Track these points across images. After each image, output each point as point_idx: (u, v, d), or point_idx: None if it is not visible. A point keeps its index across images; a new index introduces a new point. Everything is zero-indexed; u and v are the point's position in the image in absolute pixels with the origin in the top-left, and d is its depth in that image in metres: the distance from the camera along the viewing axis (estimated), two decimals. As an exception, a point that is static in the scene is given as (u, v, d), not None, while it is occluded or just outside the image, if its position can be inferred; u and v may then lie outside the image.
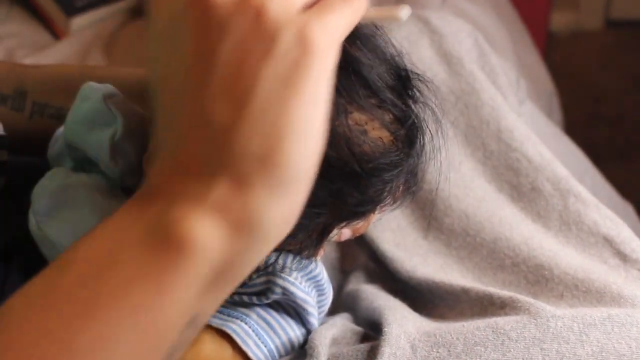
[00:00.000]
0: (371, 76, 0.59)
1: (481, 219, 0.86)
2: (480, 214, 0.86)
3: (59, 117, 0.78)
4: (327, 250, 0.89)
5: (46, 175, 0.68)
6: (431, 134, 0.65)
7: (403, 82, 0.62)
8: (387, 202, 0.64)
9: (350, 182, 0.59)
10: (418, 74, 0.63)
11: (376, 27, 0.61)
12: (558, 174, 0.88)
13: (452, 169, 0.91)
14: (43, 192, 0.66)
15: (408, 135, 0.62)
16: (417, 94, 0.63)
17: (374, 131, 0.59)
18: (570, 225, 0.84)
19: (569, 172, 0.89)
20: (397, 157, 0.61)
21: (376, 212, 0.65)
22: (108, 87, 0.68)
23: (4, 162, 0.74)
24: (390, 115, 0.60)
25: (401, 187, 0.64)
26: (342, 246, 0.92)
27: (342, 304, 0.83)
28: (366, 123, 0.58)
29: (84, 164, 0.71)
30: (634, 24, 2.55)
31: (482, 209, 0.87)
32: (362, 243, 0.89)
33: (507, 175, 0.90)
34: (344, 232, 0.66)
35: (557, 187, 0.87)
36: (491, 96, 0.95)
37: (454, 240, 0.86)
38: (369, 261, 0.89)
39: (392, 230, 0.89)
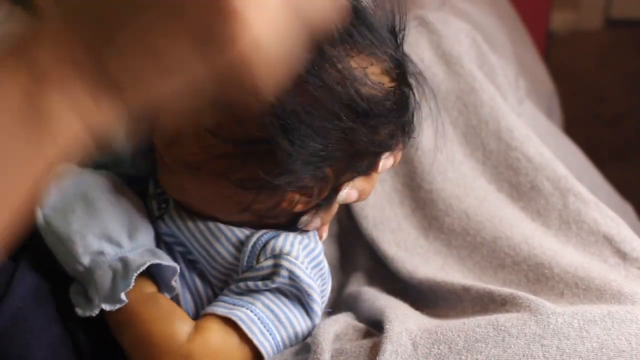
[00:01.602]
0: (373, 22, 0.64)
1: (482, 218, 0.86)
2: (481, 214, 0.86)
3: None
4: (327, 248, 0.89)
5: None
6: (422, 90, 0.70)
7: (396, 36, 0.67)
8: (389, 151, 0.68)
9: (360, 120, 0.63)
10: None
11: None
12: (558, 173, 0.88)
13: (452, 168, 0.91)
14: (49, 186, 0.67)
15: (407, 82, 0.67)
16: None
17: (374, 76, 0.63)
18: (570, 224, 0.85)
19: (569, 171, 0.89)
20: (400, 99, 0.66)
21: (379, 168, 0.69)
22: None
23: None
24: (390, 64, 0.65)
25: (402, 137, 0.68)
26: (343, 245, 0.92)
27: (343, 304, 0.84)
28: (366, 67, 0.63)
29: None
30: (633, 24, 2.55)
31: (482, 209, 0.87)
32: (363, 243, 0.89)
33: (506, 175, 0.90)
34: (352, 193, 0.69)
35: (557, 186, 0.87)
36: (490, 96, 0.95)
37: (454, 240, 0.87)
38: (369, 261, 0.89)
39: (392, 230, 0.89)
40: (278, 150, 0.61)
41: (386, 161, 0.69)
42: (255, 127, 0.61)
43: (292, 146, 0.61)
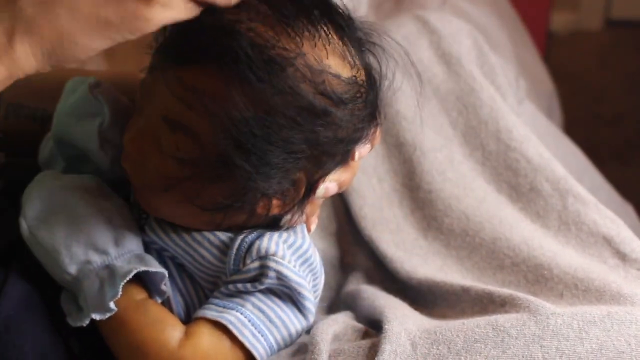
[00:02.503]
0: (335, 16, 0.63)
1: (481, 219, 0.86)
2: (480, 215, 0.86)
3: (35, 118, 0.79)
4: (326, 247, 0.89)
5: (35, 179, 0.68)
6: (392, 70, 0.68)
7: (351, 28, 0.65)
8: (360, 141, 0.66)
9: (320, 120, 0.61)
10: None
11: None
12: (557, 174, 0.88)
13: (452, 168, 0.91)
14: (33, 196, 0.67)
15: (366, 68, 0.65)
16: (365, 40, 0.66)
17: (330, 69, 0.61)
18: (569, 225, 0.85)
19: (569, 172, 0.89)
20: (359, 89, 0.63)
21: (355, 156, 0.67)
22: (92, 78, 0.69)
23: (2, 164, 0.74)
24: (345, 47, 0.63)
25: (370, 124, 0.66)
26: (342, 244, 0.92)
27: (342, 303, 0.84)
28: (327, 58, 0.61)
29: (74, 161, 0.71)
30: (633, 24, 2.55)
31: (482, 210, 0.87)
32: (361, 243, 0.89)
33: (506, 176, 0.90)
34: (330, 187, 0.67)
35: (556, 187, 0.87)
36: (490, 96, 0.95)
37: (453, 241, 0.86)
38: (368, 261, 0.89)
39: (391, 231, 0.89)
40: (236, 171, 0.60)
41: (362, 148, 0.68)
42: (213, 147, 0.60)
43: (251, 165, 0.60)
